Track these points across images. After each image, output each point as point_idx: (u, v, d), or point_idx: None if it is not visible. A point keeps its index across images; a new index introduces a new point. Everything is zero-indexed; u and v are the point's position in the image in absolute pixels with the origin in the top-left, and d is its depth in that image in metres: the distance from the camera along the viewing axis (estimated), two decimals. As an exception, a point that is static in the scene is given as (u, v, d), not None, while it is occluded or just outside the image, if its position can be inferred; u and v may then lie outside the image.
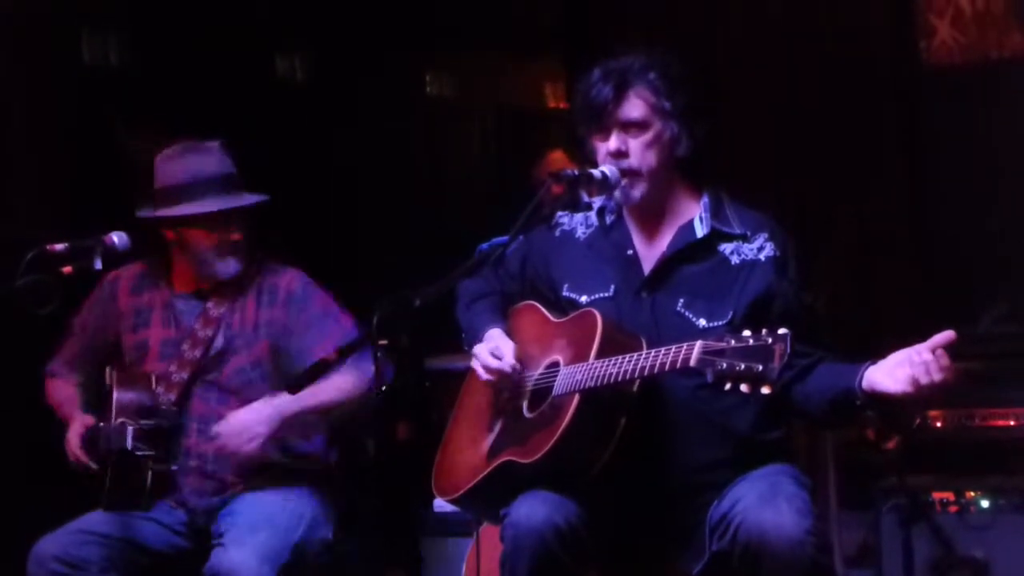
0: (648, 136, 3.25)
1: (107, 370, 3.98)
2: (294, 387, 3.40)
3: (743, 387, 2.71)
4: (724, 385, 2.73)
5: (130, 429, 3.73)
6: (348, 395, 3.83)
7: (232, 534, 3.73)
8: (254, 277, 3.99)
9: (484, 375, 3.34)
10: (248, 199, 3.93)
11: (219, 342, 3.93)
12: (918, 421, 2.91)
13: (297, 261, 4.09)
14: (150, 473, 3.79)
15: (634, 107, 3.25)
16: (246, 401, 3.87)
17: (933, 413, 4.57)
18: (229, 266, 3.93)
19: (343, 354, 3.23)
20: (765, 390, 2.70)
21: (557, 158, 5.55)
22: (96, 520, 3.79)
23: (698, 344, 2.82)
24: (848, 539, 4.61)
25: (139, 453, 3.71)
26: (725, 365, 2.72)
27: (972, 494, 4.41)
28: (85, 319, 4.10)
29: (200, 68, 5.61)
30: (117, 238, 3.59)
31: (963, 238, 5.60)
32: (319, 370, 3.37)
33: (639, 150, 3.25)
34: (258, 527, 3.74)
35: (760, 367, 2.69)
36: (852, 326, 5.42)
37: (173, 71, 5.52)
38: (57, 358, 4.12)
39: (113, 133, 5.39)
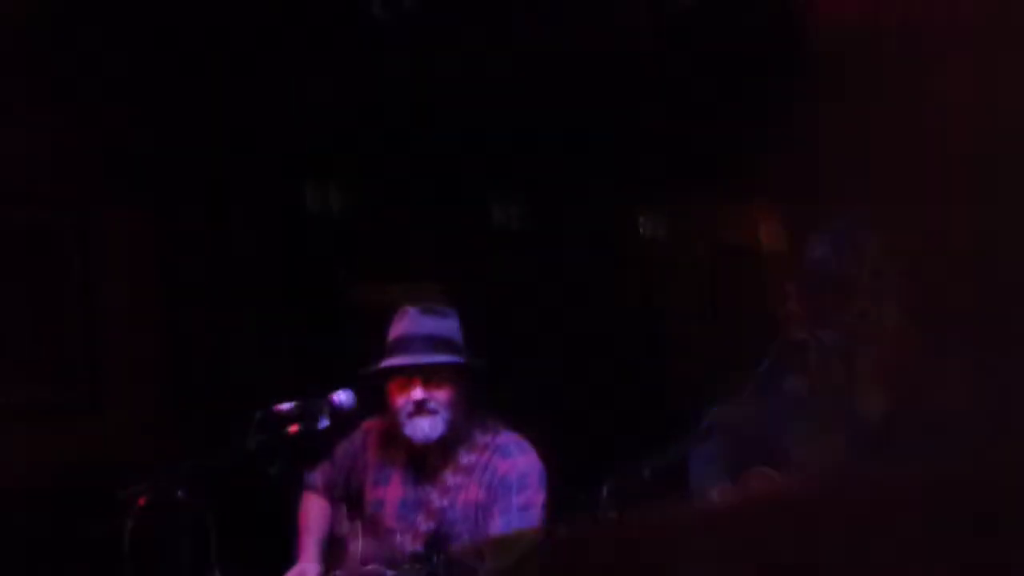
0: None
1: (344, 520, 3.95)
2: None
3: None
4: None
5: (389, 574, 3.56)
6: None
7: None
8: (484, 451, 3.84)
9: None
10: (429, 359, 3.73)
11: (446, 522, 3.79)
12: None
13: (515, 422, 3.92)
14: None
15: None
16: None
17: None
18: (416, 429, 3.74)
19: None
20: None
21: None
22: None
23: None
24: None
25: None
26: None
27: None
28: (343, 457, 4.02)
29: (417, 214, 5.70)
30: (344, 396, 3.60)
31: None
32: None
33: None
34: None
35: None
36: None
37: (392, 219, 5.62)
38: (317, 473, 4.05)
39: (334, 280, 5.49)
